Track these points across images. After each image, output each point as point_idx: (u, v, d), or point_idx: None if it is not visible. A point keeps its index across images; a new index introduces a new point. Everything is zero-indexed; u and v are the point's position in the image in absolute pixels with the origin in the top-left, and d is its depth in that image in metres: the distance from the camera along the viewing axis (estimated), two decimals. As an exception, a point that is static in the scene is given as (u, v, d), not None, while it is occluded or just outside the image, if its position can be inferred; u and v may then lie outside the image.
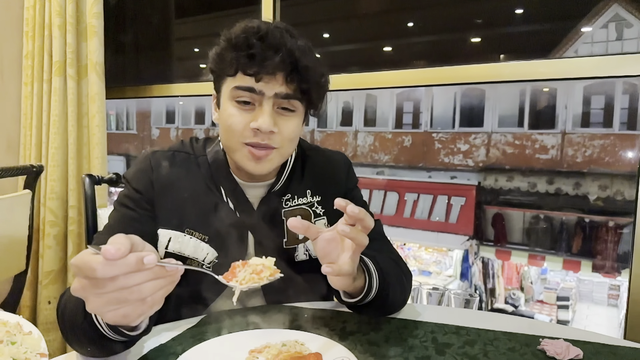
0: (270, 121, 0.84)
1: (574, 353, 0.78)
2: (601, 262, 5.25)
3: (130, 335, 0.66)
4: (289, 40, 0.83)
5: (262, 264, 0.71)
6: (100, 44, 2.09)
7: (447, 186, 6.24)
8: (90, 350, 0.70)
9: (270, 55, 0.81)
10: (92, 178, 1.29)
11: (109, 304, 0.55)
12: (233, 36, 0.84)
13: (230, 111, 0.86)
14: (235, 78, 0.85)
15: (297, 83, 0.84)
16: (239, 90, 0.84)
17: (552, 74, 1.41)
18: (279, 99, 0.85)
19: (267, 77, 0.82)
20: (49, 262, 2.13)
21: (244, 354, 0.75)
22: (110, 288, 0.53)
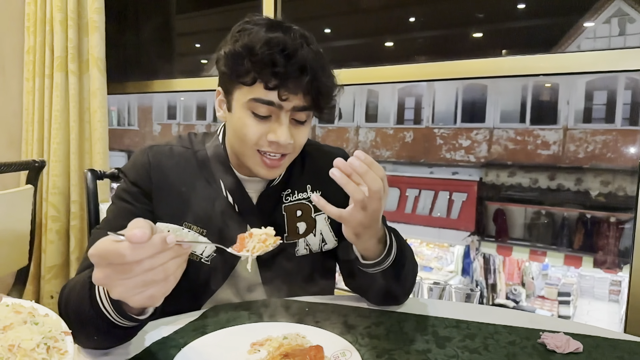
0: (289, 135, 0.85)
1: (573, 346, 0.79)
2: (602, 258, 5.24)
3: (139, 320, 0.67)
4: (312, 58, 0.83)
5: (264, 233, 0.74)
6: (101, 39, 2.09)
7: (449, 182, 6.23)
8: (96, 339, 0.71)
9: (295, 74, 0.81)
10: (94, 173, 1.30)
11: (135, 287, 0.56)
12: (256, 47, 0.81)
13: (246, 121, 0.86)
14: (252, 89, 0.84)
15: (314, 97, 0.85)
16: (257, 103, 0.84)
17: (553, 69, 1.41)
18: (295, 111, 0.86)
19: (289, 94, 0.83)
20: (52, 256, 2.14)
21: (246, 347, 0.75)
22: (138, 271, 0.54)
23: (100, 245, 0.55)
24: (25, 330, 0.54)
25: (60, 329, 0.58)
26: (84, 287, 0.69)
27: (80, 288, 0.70)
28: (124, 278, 0.55)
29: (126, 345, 0.78)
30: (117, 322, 0.66)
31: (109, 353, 0.76)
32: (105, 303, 0.65)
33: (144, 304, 0.59)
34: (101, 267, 0.55)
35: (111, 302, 0.64)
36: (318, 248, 1.01)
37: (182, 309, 0.92)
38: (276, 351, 0.72)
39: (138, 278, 0.55)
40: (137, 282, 0.55)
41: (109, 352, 0.76)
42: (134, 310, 0.65)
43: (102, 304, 0.65)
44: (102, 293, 0.66)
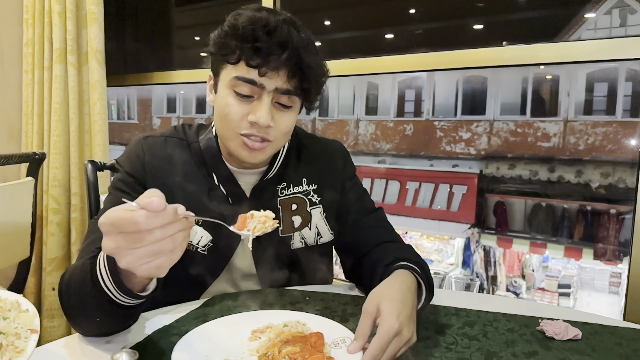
0: (268, 116, 0.84)
1: (572, 333, 0.79)
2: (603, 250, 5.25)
3: (140, 297, 0.68)
4: (295, 37, 0.82)
5: (264, 215, 0.76)
6: (100, 30, 2.08)
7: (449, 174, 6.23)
8: (98, 321, 0.71)
9: (276, 51, 0.81)
10: (94, 164, 1.30)
11: (144, 257, 0.56)
12: (240, 24, 0.82)
13: (228, 100, 0.86)
14: (237, 67, 0.84)
15: (299, 80, 0.84)
16: (239, 81, 0.84)
17: (554, 58, 1.40)
18: (278, 94, 0.85)
19: (269, 71, 0.82)
20: (53, 249, 2.15)
21: (247, 334, 0.76)
22: (149, 240, 0.56)
23: (112, 214, 0.56)
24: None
25: (31, 326, 0.58)
26: (85, 268, 0.70)
27: (81, 270, 0.71)
28: (134, 247, 0.56)
29: (127, 332, 0.78)
30: (118, 300, 0.67)
31: (111, 341, 0.76)
32: (107, 281, 0.66)
33: (151, 274, 0.60)
34: (112, 235, 0.56)
35: (113, 279, 0.65)
36: (313, 241, 1.02)
37: (180, 300, 0.92)
38: (277, 338, 0.73)
39: (148, 247, 0.56)
40: (147, 251, 0.56)
41: (110, 339, 0.76)
42: (136, 286, 0.67)
43: (104, 282, 0.66)
44: (103, 272, 0.66)
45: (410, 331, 0.68)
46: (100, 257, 0.68)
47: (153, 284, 0.70)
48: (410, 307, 0.72)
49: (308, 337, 0.72)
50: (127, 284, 0.66)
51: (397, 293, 0.73)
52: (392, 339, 0.66)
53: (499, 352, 0.74)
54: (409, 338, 0.68)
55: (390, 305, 0.70)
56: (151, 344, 0.74)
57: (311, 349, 0.69)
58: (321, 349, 0.70)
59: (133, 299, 0.68)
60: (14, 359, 0.54)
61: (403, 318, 0.68)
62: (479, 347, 0.76)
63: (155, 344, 0.74)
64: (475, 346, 0.76)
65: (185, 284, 0.95)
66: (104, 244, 0.57)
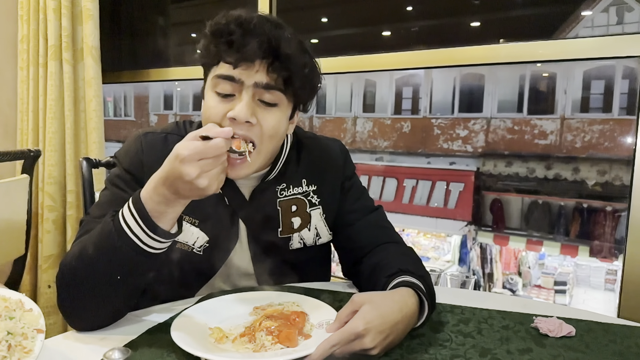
0: (248, 110, 0.80)
1: (566, 330, 0.79)
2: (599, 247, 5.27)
3: (172, 236, 0.74)
4: (270, 29, 0.80)
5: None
6: (95, 27, 2.07)
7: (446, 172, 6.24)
8: (120, 278, 0.74)
9: (249, 42, 0.78)
10: (89, 161, 1.29)
11: (217, 175, 0.71)
12: (214, 24, 0.82)
13: (210, 102, 0.83)
14: (217, 67, 0.83)
15: (279, 73, 0.80)
16: (219, 79, 0.82)
17: (551, 55, 1.40)
18: (260, 89, 0.81)
19: (246, 64, 0.79)
20: (48, 246, 2.14)
21: (249, 309, 0.83)
22: (221, 160, 0.71)
23: (192, 146, 0.68)
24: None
25: (36, 326, 0.59)
26: (106, 226, 0.74)
27: (101, 231, 0.75)
28: (211, 169, 0.69)
29: (121, 330, 0.78)
30: (147, 245, 0.72)
31: (105, 338, 0.76)
32: (137, 228, 0.72)
33: (216, 190, 0.72)
34: (193, 163, 0.68)
35: (145, 224, 0.71)
36: (312, 242, 1.01)
37: (176, 297, 0.92)
38: (262, 312, 0.80)
39: (221, 167, 0.71)
40: (219, 170, 0.71)
41: (104, 337, 0.76)
42: (167, 226, 0.73)
43: (132, 231, 0.72)
44: (131, 220, 0.72)
45: (374, 342, 0.68)
46: (124, 211, 0.73)
47: (176, 227, 0.76)
48: (391, 324, 0.71)
49: (290, 315, 0.77)
50: (160, 223, 0.72)
51: (385, 307, 0.72)
52: (352, 339, 0.67)
53: (494, 349, 0.74)
54: (369, 347, 0.68)
55: (370, 310, 0.70)
56: (145, 342, 0.74)
57: (289, 325, 0.74)
58: (300, 327, 0.74)
59: (164, 241, 0.74)
60: (22, 359, 0.55)
61: (373, 327, 0.68)
62: (474, 344, 0.76)
63: (150, 342, 0.74)
64: (469, 343, 0.76)
65: (181, 285, 0.95)
66: (188, 172, 0.67)
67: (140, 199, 0.72)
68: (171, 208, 0.72)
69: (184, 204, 0.74)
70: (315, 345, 0.67)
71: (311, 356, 0.66)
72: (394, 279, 0.83)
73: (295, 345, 0.71)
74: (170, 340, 0.70)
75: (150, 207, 0.72)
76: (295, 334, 0.72)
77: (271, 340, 0.71)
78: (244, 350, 0.71)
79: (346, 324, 0.69)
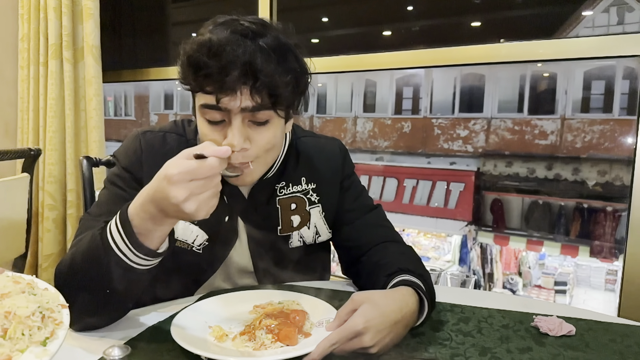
0: (240, 138, 0.78)
1: (566, 329, 0.79)
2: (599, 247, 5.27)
3: (158, 255, 0.71)
4: (247, 49, 0.75)
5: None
6: (96, 26, 2.07)
7: (446, 172, 6.23)
8: (108, 292, 0.72)
9: (227, 72, 0.75)
10: (89, 160, 1.29)
11: (209, 198, 0.66)
12: (190, 53, 0.78)
13: (203, 129, 0.83)
14: (200, 95, 0.80)
15: (263, 94, 0.77)
16: (206, 109, 0.80)
17: (550, 55, 1.40)
18: (248, 113, 0.79)
19: (228, 94, 0.76)
20: (49, 245, 2.14)
21: (249, 307, 0.83)
22: (214, 183, 0.65)
23: (183, 165, 0.63)
24: (22, 299, 0.56)
25: (58, 302, 0.60)
26: (94, 239, 0.71)
27: (90, 242, 0.73)
28: (203, 191, 0.64)
29: (120, 328, 0.78)
30: (133, 262, 0.69)
31: (105, 337, 0.76)
32: (122, 244, 0.68)
33: (207, 215, 0.67)
34: (183, 184, 0.63)
35: (130, 240, 0.68)
36: (312, 240, 1.01)
37: (175, 296, 0.92)
38: (262, 311, 0.80)
39: (212, 190, 0.65)
40: (211, 194, 0.65)
41: (104, 335, 0.76)
42: (153, 244, 0.70)
43: (118, 247, 0.69)
44: (117, 236, 0.69)
45: (373, 341, 0.68)
46: (111, 225, 0.70)
47: (165, 244, 0.73)
48: (391, 323, 0.71)
49: (290, 314, 0.77)
50: (144, 242, 0.69)
51: (385, 306, 0.72)
52: (351, 337, 0.67)
53: (493, 348, 0.74)
54: (368, 346, 0.68)
55: (370, 309, 0.70)
56: (145, 340, 0.74)
57: (289, 323, 0.74)
58: (299, 325, 0.74)
59: (150, 259, 0.70)
60: (56, 331, 0.56)
61: (372, 325, 0.68)
62: (474, 343, 0.76)
63: (150, 340, 0.74)
64: (469, 342, 0.76)
65: (180, 283, 0.95)
66: (176, 194, 0.62)
67: (127, 214, 0.68)
68: (159, 226, 0.68)
69: (172, 223, 0.70)
70: (315, 344, 0.67)
71: (311, 354, 0.66)
72: (394, 278, 0.83)
73: (295, 344, 0.71)
74: (170, 339, 0.70)
75: (136, 223, 0.68)
76: (295, 333, 0.72)
77: (271, 339, 0.71)
78: (244, 348, 0.71)
79: (345, 322, 0.69)
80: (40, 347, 0.53)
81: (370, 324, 0.68)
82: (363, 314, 0.69)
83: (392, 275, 0.84)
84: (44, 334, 0.54)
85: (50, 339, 0.54)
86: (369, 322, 0.68)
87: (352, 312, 0.71)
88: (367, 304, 0.71)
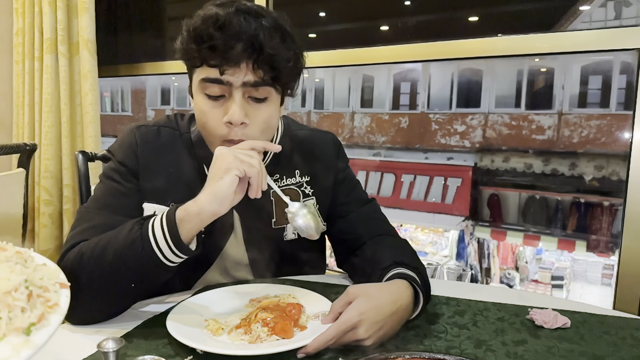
0: (241, 112, 0.81)
1: (561, 322, 0.80)
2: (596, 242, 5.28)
3: (189, 253, 0.75)
4: (251, 25, 0.79)
5: None
6: (91, 20, 2.06)
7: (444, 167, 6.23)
8: (134, 286, 0.76)
9: (232, 45, 0.78)
10: (85, 155, 1.29)
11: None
12: (195, 26, 0.80)
13: (202, 107, 0.84)
14: (202, 69, 0.82)
15: (265, 69, 0.80)
16: (207, 83, 0.82)
17: (547, 48, 1.40)
18: (249, 88, 0.81)
19: (232, 67, 0.79)
20: (45, 240, 2.14)
21: (245, 301, 0.84)
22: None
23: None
24: (4, 268, 0.43)
25: (57, 280, 0.48)
26: (132, 232, 0.74)
27: (127, 234, 0.75)
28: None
29: (117, 323, 0.78)
30: (167, 258, 0.73)
31: (101, 330, 0.76)
32: (161, 240, 0.72)
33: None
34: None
35: (172, 238, 0.72)
36: None
37: (171, 291, 0.92)
38: (258, 305, 0.80)
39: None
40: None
41: (99, 329, 0.76)
42: (188, 239, 0.75)
43: (157, 244, 0.73)
44: (158, 233, 0.72)
45: (367, 333, 0.69)
46: (155, 221, 0.74)
47: (194, 243, 0.77)
48: (385, 315, 0.72)
49: (285, 307, 0.78)
50: (184, 237, 0.73)
51: (379, 299, 0.73)
52: (346, 331, 0.68)
53: (489, 340, 0.74)
54: (363, 338, 0.69)
55: (364, 302, 0.71)
56: (141, 333, 0.74)
57: (285, 316, 0.75)
58: (295, 318, 0.75)
59: (182, 256, 0.74)
60: (47, 315, 0.42)
61: (367, 318, 0.69)
62: (469, 336, 0.76)
63: (145, 333, 0.74)
64: (465, 335, 0.76)
65: (177, 276, 0.94)
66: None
67: (175, 215, 0.73)
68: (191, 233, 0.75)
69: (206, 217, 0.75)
70: (310, 337, 0.68)
71: (306, 348, 0.67)
72: (389, 271, 0.84)
73: (290, 337, 0.71)
74: (166, 332, 0.70)
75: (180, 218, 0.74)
76: (291, 326, 0.72)
77: (267, 332, 0.71)
78: (240, 341, 0.71)
79: (341, 315, 0.70)
80: (21, 337, 0.38)
81: (365, 316, 0.69)
82: (357, 306, 0.70)
83: (387, 269, 0.85)
84: (28, 318, 0.40)
85: (36, 326, 0.40)
86: (363, 314, 0.68)
87: (347, 305, 0.71)
88: (362, 297, 0.71)
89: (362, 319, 0.68)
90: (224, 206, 0.73)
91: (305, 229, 0.82)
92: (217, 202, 0.73)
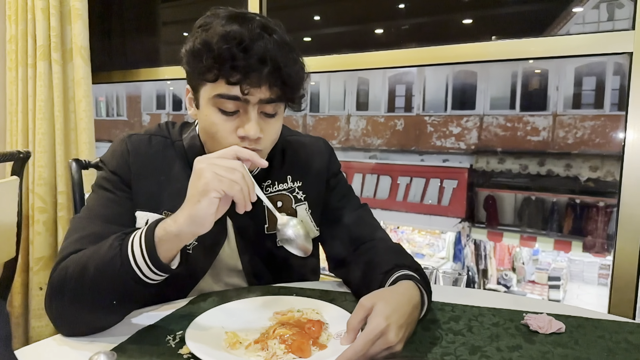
0: (257, 128, 0.82)
1: (556, 326, 0.80)
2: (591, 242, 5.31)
3: (170, 270, 0.75)
4: (272, 47, 0.79)
5: None
6: (84, 27, 2.05)
7: (440, 169, 6.25)
8: (115, 304, 0.75)
9: (256, 67, 0.78)
10: (79, 163, 1.28)
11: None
12: (214, 42, 0.78)
13: (213, 119, 0.83)
14: (216, 84, 0.81)
15: (281, 89, 0.82)
16: (222, 99, 0.81)
17: (542, 53, 1.41)
18: (263, 104, 0.83)
19: (253, 85, 0.79)
20: (39, 248, 2.12)
21: (269, 314, 0.82)
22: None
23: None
24: None
25: None
26: (112, 248, 0.74)
27: (107, 250, 0.74)
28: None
29: (110, 334, 0.78)
30: (146, 276, 0.73)
31: (93, 341, 0.75)
32: (140, 258, 0.72)
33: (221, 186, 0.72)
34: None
35: (149, 255, 0.72)
36: None
37: (165, 299, 0.92)
38: (277, 319, 0.79)
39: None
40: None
41: (93, 340, 0.76)
42: (168, 258, 0.74)
43: (135, 261, 0.72)
44: (137, 249, 0.72)
45: (397, 337, 0.67)
46: (134, 237, 0.73)
47: (177, 260, 0.76)
48: (406, 316, 0.71)
49: (305, 323, 0.75)
50: (161, 255, 0.72)
51: (396, 301, 0.72)
52: (376, 339, 0.66)
53: (484, 346, 0.74)
54: (394, 343, 0.67)
55: (385, 306, 0.69)
56: (133, 344, 0.74)
57: (304, 334, 0.72)
58: (315, 336, 0.72)
59: (162, 274, 0.74)
60: None
61: (393, 321, 0.68)
62: (464, 342, 0.76)
63: (138, 344, 0.74)
64: (460, 341, 0.76)
65: (172, 284, 0.94)
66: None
67: (154, 232, 0.72)
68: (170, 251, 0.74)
69: (187, 235, 0.74)
70: (331, 357, 0.66)
71: None
72: (393, 275, 0.84)
73: (308, 356, 0.68)
74: (161, 342, 0.70)
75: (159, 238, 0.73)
76: (309, 344, 0.70)
77: (284, 349, 0.69)
78: (255, 358, 0.69)
79: (367, 326, 0.67)
80: None
81: (391, 320, 0.68)
82: (381, 312, 0.68)
83: (389, 272, 0.84)
84: None
85: None
86: (389, 318, 0.67)
87: (365, 319, 0.69)
88: (381, 303, 0.70)
89: (390, 323, 0.67)
90: (204, 227, 0.72)
91: (294, 251, 0.81)
92: (195, 225, 0.72)
